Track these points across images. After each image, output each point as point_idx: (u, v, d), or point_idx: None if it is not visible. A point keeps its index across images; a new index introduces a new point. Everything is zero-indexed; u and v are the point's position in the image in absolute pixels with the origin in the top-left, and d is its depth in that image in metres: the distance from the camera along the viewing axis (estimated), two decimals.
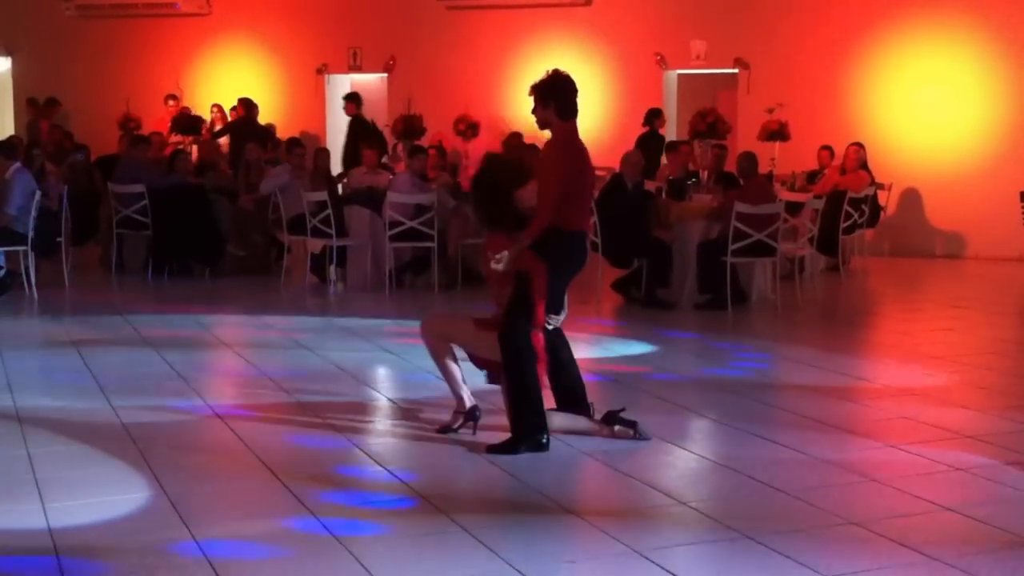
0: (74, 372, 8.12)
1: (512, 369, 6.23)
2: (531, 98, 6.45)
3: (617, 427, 6.46)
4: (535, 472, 5.91)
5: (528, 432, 6.21)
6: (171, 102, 17.93)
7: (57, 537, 4.92)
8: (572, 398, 6.62)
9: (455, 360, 6.50)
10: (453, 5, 17.52)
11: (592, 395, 6.72)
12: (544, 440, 6.23)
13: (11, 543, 4.92)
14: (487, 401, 6.69)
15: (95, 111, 18.22)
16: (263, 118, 17.36)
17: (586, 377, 6.83)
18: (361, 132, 15.83)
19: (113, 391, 7.50)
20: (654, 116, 15.23)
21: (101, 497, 5.47)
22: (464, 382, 6.52)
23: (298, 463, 6.07)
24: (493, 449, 6.18)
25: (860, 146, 13.89)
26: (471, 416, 6.48)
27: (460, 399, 6.50)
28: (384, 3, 18.06)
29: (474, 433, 6.45)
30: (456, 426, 6.49)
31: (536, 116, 6.49)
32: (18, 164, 11.40)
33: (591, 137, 6.73)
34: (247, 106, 16.92)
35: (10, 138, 13.02)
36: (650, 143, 14.56)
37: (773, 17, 15.84)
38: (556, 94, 6.40)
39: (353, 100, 16.43)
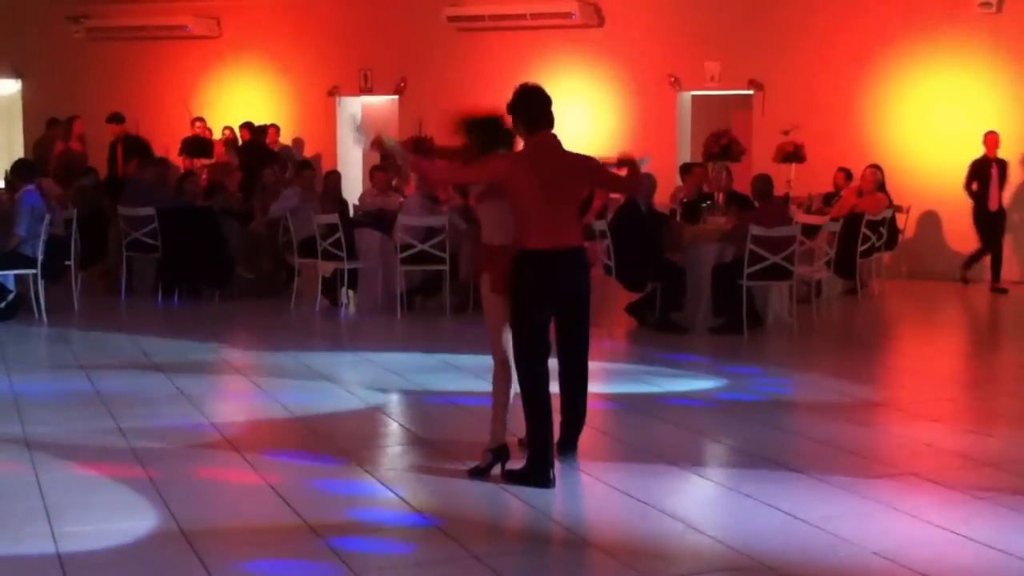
0: (83, 397, 8.03)
1: (523, 401, 6.10)
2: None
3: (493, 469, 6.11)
4: (550, 500, 5.82)
5: (536, 469, 6.03)
6: (198, 124, 17.88)
7: (66, 563, 4.86)
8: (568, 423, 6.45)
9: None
10: (465, 26, 17.49)
11: (606, 420, 6.62)
12: (551, 477, 6.02)
13: (20, 569, 4.86)
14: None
15: (105, 133, 18.17)
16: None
17: (601, 403, 6.71)
18: (131, 149, 15.87)
19: (122, 416, 7.41)
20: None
21: (111, 523, 5.41)
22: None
23: (309, 490, 5.98)
24: (509, 477, 6.06)
25: (877, 168, 13.79)
26: (499, 455, 6.12)
27: (496, 434, 6.15)
28: (395, 24, 18.04)
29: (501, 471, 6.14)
30: (485, 465, 6.13)
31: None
32: (30, 186, 11.34)
33: (603, 158, 6.57)
34: (251, 130, 16.91)
35: (25, 160, 12.96)
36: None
37: (788, 38, 15.77)
38: (518, 107, 6.24)
39: (115, 120, 16.60)
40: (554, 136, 6.22)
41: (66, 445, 6.74)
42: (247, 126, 17.02)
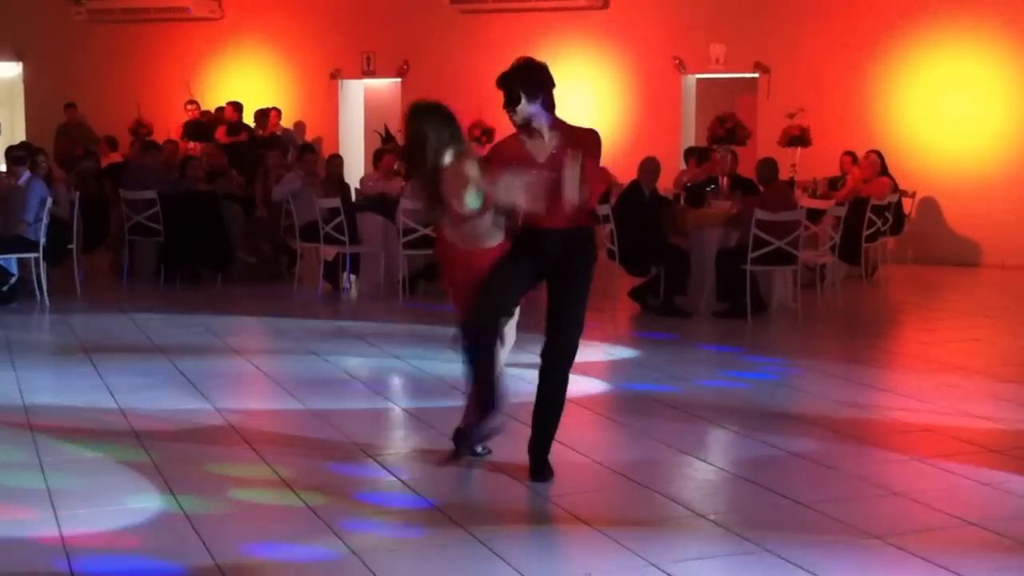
0: (86, 380, 8.02)
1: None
2: (505, 92, 5.62)
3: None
4: (552, 483, 5.79)
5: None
6: (190, 106, 17.84)
7: (69, 546, 4.86)
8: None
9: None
10: (467, 9, 17.42)
11: (608, 405, 6.60)
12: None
13: (23, 552, 4.86)
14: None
15: (106, 116, 18.15)
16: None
17: (603, 387, 6.69)
18: None
19: (125, 399, 7.41)
20: None
21: (113, 505, 5.41)
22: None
23: (310, 473, 5.97)
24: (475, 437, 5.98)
25: (876, 153, 13.76)
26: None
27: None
28: (398, 7, 17.97)
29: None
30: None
31: (518, 112, 5.60)
32: (29, 172, 11.31)
33: (607, 142, 6.50)
34: (236, 108, 16.93)
35: (24, 144, 12.93)
36: None
37: (794, 20, 15.70)
38: (545, 82, 5.66)
39: None
40: None
41: (69, 427, 6.74)
42: (235, 106, 16.99)
